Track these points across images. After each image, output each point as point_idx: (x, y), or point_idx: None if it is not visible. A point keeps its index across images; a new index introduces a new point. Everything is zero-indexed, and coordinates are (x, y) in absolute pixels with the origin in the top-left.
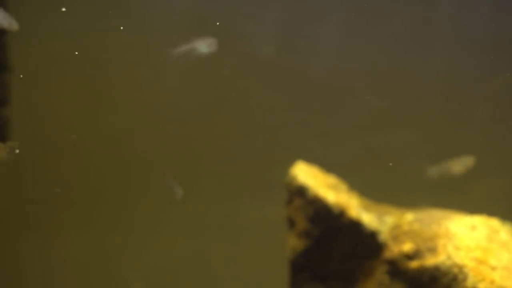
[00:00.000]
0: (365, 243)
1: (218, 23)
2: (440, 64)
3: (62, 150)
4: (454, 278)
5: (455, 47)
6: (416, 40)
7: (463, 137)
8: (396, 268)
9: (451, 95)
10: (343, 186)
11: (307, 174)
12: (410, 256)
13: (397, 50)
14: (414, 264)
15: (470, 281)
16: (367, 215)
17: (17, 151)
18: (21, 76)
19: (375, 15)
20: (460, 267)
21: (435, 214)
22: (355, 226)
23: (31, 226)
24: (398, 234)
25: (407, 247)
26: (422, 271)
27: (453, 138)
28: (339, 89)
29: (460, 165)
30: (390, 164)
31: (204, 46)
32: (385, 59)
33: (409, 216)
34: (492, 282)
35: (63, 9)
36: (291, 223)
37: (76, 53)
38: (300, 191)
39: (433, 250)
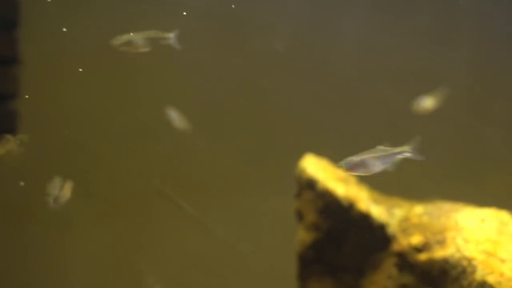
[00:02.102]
0: (374, 235)
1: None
2: (461, 59)
3: (74, 143)
4: (463, 271)
5: (477, 41)
6: (437, 35)
7: (484, 132)
8: (405, 261)
9: (472, 90)
10: (352, 179)
11: (316, 167)
12: (419, 249)
13: (418, 45)
14: (423, 256)
15: (479, 273)
16: (376, 208)
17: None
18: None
19: (396, 9)
20: (469, 260)
21: (444, 206)
22: (365, 219)
23: (43, 220)
24: (407, 226)
25: (416, 239)
26: (431, 263)
27: (474, 132)
28: (357, 84)
29: None
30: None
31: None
32: (406, 54)
33: (418, 209)
34: (501, 274)
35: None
36: (300, 216)
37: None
38: (310, 184)
39: (442, 243)
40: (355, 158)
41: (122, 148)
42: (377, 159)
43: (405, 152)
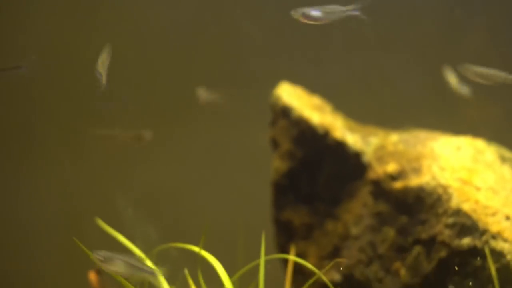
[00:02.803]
0: (349, 164)
1: None
2: None
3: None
4: (439, 199)
5: None
6: None
7: (457, 59)
8: (380, 189)
9: (445, 18)
10: (327, 107)
11: (291, 95)
12: (394, 177)
13: None
14: (398, 184)
15: (454, 201)
16: (351, 136)
17: None
18: None
19: None
20: (445, 188)
21: (420, 135)
22: (340, 147)
23: (15, 146)
24: (382, 154)
25: (391, 167)
26: (406, 191)
27: (447, 60)
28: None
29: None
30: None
31: None
32: None
33: (394, 137)
34: (476, 202)
35: None
36: (275, 144)
37: None
38: (284, 112)
39: (417, 171)
40: None
41: (90, 72)
42: None
43: None
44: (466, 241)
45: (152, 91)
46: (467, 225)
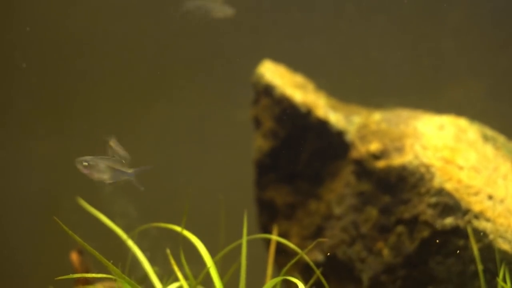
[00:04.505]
0: (332, 143)
1: None
2: None
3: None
4: (421, 178)
5: None
6: None
7: (439, 39)
8: (363, 168)
9: None
10: (310, 86)
11: (274, 73)
12: (377, 156)
13: None
14: (381, 163)
15: (437, 180)
16: (334, 115)
17: None
18: None
19: None
20: (427, 167)
21: (403, 114)
22: (322, 125)
23: None
24: (365, 134)
25: (374, 146)
26: (389, 171)
27: (429, 40)
28: None
29: None
30: None
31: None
32: None
33: (377, 116)
34: (459, 181)
35: None
36: (258, 123)
37: None
38: (267, 90)
39: (400, 150)
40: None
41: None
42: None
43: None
44: (448, 220)
45: (133, 68)
46: (449, 204)
